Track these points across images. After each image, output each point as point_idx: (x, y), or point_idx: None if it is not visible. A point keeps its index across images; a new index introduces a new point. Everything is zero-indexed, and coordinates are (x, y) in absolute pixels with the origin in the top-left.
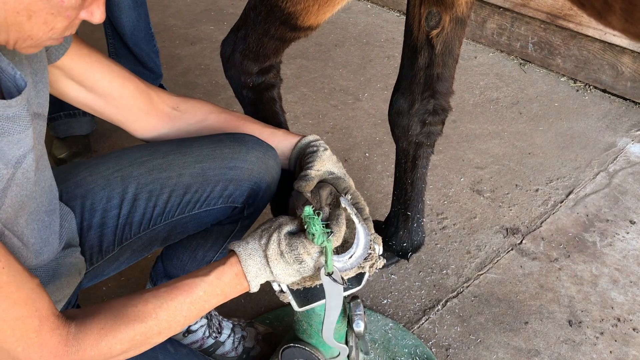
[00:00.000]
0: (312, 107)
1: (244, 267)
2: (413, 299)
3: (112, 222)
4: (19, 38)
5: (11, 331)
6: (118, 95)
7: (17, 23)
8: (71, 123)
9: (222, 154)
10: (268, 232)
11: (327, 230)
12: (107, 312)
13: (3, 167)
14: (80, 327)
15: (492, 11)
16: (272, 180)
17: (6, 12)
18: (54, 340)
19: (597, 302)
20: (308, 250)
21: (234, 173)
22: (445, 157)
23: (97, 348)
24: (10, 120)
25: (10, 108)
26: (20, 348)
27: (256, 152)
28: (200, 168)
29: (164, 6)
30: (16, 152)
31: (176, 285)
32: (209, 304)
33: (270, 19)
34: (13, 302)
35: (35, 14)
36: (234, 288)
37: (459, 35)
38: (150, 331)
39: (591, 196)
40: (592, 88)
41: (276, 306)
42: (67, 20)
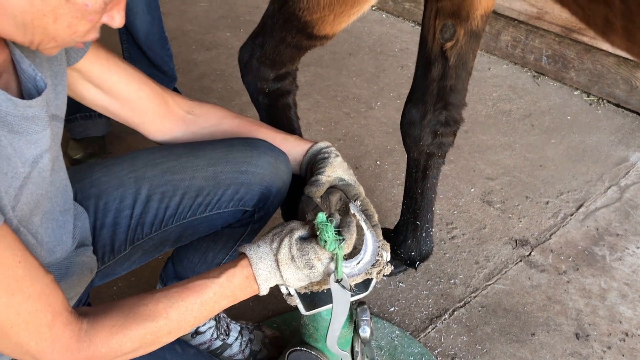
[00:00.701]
0: (324, 115)
1: (255, 270)
2: (420, 307)
3: (124, 222)
4: (43, 40)
5: (25, 325)
6: (134, 98)
7: (42, 25)
8: (87, 125)
9: (234, 158)
10: (279, 236)
11: (339, 237)
12: (118, 310)
13: (20, 165)
14: (92, 324)
15: (506, 23)
16: (282, 185)
17: (33, 15)
18: (67, 335)
19: (605, 316)
20: (319, 256)
21: (245, 177)
22: (456, 167)
23: (108, 345)
24: (30, 120)
25: (30, 108)
26: (33, 342)
27: (268, 157)
28: (212, 171)
29: (181, 12)
30: (33, 152)
31: (187, 286)
32: (219, 305)
33: (287, 27)
34: (27, 296)
35: (61, 17)
36: (244, 290)
37: (473, 48)
38: (161, 330)
39: (602, 210)
40: (606, 102)
41: (284, 310)
42: (90, 23)
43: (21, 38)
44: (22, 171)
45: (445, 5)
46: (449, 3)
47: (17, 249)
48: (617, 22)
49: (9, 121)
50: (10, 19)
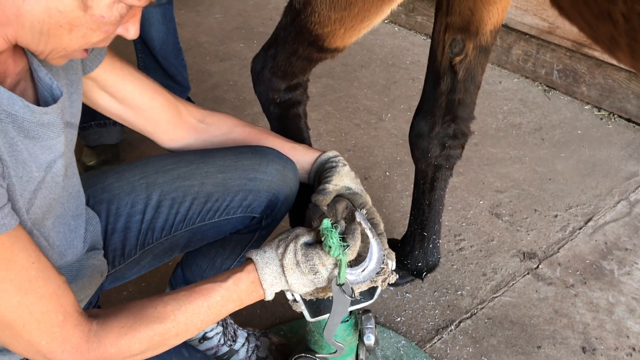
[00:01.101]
0: (335, 125)
1: (260, 275)
2: (427, 318)
3: (135, 227)
4: (55, 49)
5: (37, 324)
6: (148, 107)
7: (58, 35)
8: (101, 132)
9: (243, 165)
10: (285, 242)
11: (343, 243)
12: (127, 312)
13: (35, 170)
14: (101, 325)
15: (518, 37)
16: (290, 192)
17: (50, 25)
18: (77, 335)
19: (613, 330)
20: (323, 262)
21: (253, 184)
22: (465, 179)
23: (116, 346)
24: (45, 126)
25: (46, 115)
26: (44, 341)
27: (276, 164)
28: (221, 178)
29: (196, 23)
30: (48, 157)
31: (195, 290)
32: (225, 309)
33: (298, 39)
34: (40, 296)
35: (76, 28)
36: (249, 295)
37: (482, 62)
38: (168, 332)
39: (611, 224)
40: (617, 117)
41: (291, 318)
42: (104, 34)
43: (34, 47)
44: (36, 175)
45: (454, 20)
46: (459, 18)
47: (31, 250)
48: (622, 40)
49: (25, 127)
50: (28, 29)
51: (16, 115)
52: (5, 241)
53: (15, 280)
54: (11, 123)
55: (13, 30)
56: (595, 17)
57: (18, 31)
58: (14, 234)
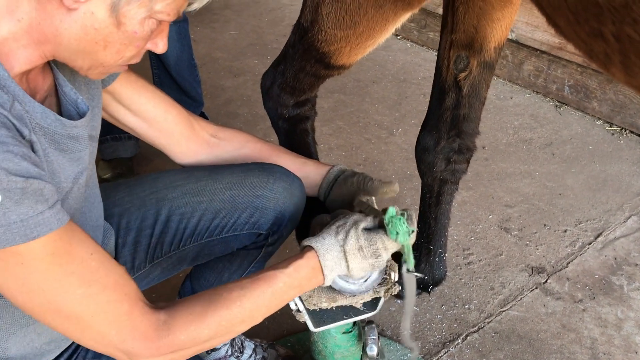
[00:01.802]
0: (346, 140)
1: (322, 261)
2: (434, 331)
3: (145, 241)
4: (92, 65)
5: (104, 314)
6: (161, 120)
7: (93, 52)
8: (117, 146)
9: (250, 183)
10: (344, 228)
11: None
12: (194, 302)
13: (63, 181)
14: (169, 314)
15: (529, 53)
16: (296, 209)
17: (86, 42)
18: (145, 324)
19: (621, 345)
20: (386, 246)
21: (260, 201)
22: (475, 194)
23: (186, 332)
24: (74, 139)
25: (76, 129)
26: (114, 331)
27: (283, 182)
28: (229, 195)
29: (211, 39)
30: (75, 169)
31: (258, 277)
32: (287, 295)
33: (306, 56)
34: (104, 287)
35: (111, 44)
36: (309, 281)
37: (486, 78)
38: (235, 318)
39: (621, 239)
40: (628, 132)
41: (298, 330)
42: (137, 49)
43: (73, 63)
44: (64, 186)
45: (459, 37)
46: (463, 35)
47: (88, 242)
48: (615, 57)
49: (56, 139)
50: (65, 46)
51: (48, 128)
52: (62, 235)
53: (77, 272)
54: (44, 135)
55: (51, 47)
56: (589, 35)
57: (56, 48)
58: (69, 228)
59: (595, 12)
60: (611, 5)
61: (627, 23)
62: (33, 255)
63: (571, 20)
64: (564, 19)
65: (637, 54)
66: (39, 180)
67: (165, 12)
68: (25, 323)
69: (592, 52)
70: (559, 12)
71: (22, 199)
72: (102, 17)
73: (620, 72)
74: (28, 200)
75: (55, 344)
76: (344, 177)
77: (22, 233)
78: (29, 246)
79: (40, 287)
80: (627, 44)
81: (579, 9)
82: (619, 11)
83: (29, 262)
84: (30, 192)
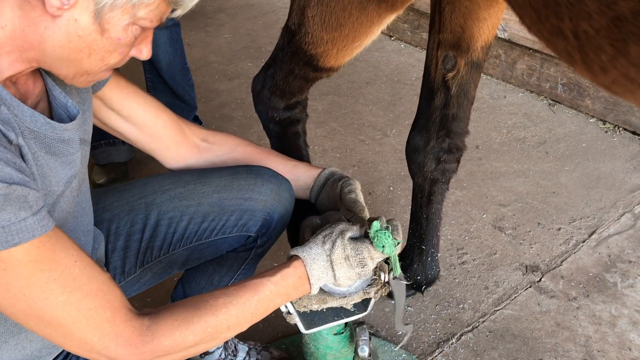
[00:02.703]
0: (340, 142)
1: (309, 270)
2: (428, 331)
3: (134, 246)
4: (77, 73)
5: (86, 321)
6: (152, 125)
7: (78, 60)
8: (110, 151)
9: (238, 185)
10: (331, 237)
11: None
12: (180, 307)
13: (55, 185)
14: (154, 320)
15: (522, 52)
16: (285, 211)
17: (70, 50)
18: (128, 330)
19: (615, 342)
20: (372, 255)
21: (248, 204)
22: (469, 193)
23: (171, 338)
24: (65, 142)
25: (67, 132)
26: (96, 338)
27: (271, 184)
28: (217, 198)
29: (205, 43)
30: (68, 173)
31: (245, 285)
32: (273, 304)
33: (294, 59)
34: (85, 294)
35: (95, 52)
36: (296, 290)
37: (475, 78)
38: (221, 325)
39: (614, 237)
40: (622, 130)
41: (292, 332)
42: (121, 56)
43: (58, 71)
44: (55, 190)
45: (446, 37)
46: (450, 35)
47: (72, 249)
48: (576, 55)
49: (47, 143)
50: (49, 54)
51: (38, 132)
52: (46, 242)
53: (60, 279)
54: (34, 139)
55: (35, 54)
56: (551, 33)
57: (40, 56)
58: (53, 235)
59: (554, 8)
60: (567, 1)
61: (582, 18)
62: (15, 261)
63: (534, 19)
64: (529, 17)
65: (594, 50)
66: (23, 187)
67: (149, 18)
68: (17, 331)
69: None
70: (525, 10)
71: (4, 205)
72: (85, 24)
73: (583, 70)
74: (10, 207)
75: (47, 350)
76: (333, 180)
77: (4, 239)
78: (10, 252)
79: (22, 293)
80: (584, 40)
81: (539, 5)
82: (574, 6)
83: (11, 268)
84: (14, 198)
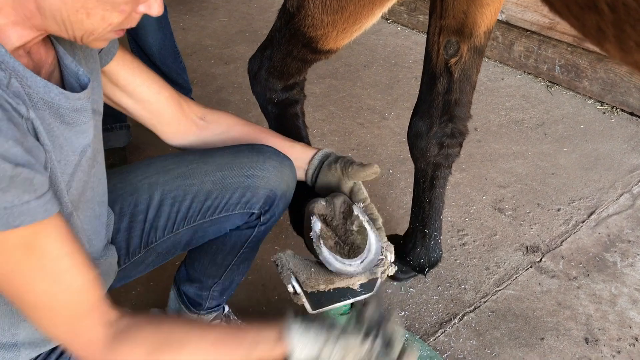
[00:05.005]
0: (339, 125)
1: None
2: (430, 312)
3: (139, 226)
4: (84, 34)
5: (58, 313)
6: (154, 101)
7: (78, 21)
8: (109, 137)
9: (240, 163)
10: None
11: None
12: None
13: (71, 154)
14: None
15: (519, 34)
16: (287, 188)
17: (67, 11)
18: (94, 334)
19: (615, 321)
20: None
21: (251, 181)
22: (468, 175)
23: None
24: (78, 111)
25: (79, 101)
26: (63, 329)
27: (273, 161)
28: (220, 176)
29: (200, 27)
30: (82, 142)
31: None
32: None
33: (293, 41)
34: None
35: (92, 11)
36: None
37: (477, 63)
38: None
39: (613, 217)
40: (619, 111)
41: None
42: (123, 14)
43: (64, 34)
44: (72, 159)
45: (448, 23)
46: (452, 21)
47: (66, 240)
48: (609, 31)
49: (61, 113)
50: (50, 18)
51: (52, 102)
52: (43, 228)
53: (45, 269)
54: (48, 110)
55: (39, 21)
56: (581, 8)
57: (43, 21)
58: (52, 222)
59: None
60: None
61: None
62: (9, 244)
63: None
64: None
65: (633, 25)
66: (29, 170)
67: None
68: None
69: (584, 27)
70: None
71: (9, 187)
72: None
73: (614, 48)
74: (15, 189)
75: None
76: (328, 163)
77: (4, 221)
78: (7, 234)
79: (6, 275)
80: (623, 14)
81: None
82: None
83: (3, 250)
84: (19, 180)
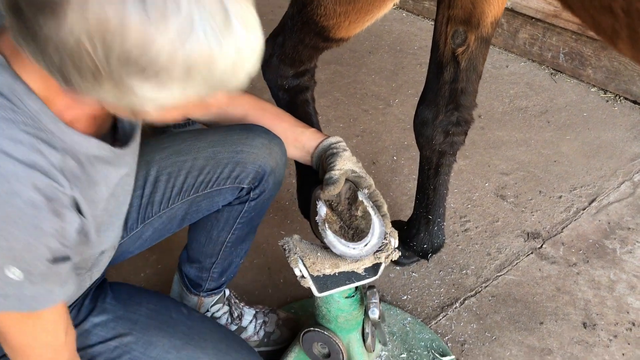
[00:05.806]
0: (344, 112)
1: None
2: (432, 296)
3: (136, 202)
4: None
5: None
6: None
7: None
8: None
9: (231, 140)
10: None
11: None
12: None
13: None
14: None
15: (524, 21)
16: (276, 165)
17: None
18: None
19: (613, 306)
20: None
21: (240, 156)
22: (471, 162)
23: None
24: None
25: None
26: None
27: (261, 139)
28: (212, 152)
29: None
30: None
31: None
32: None
33: (305, 29)
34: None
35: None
36: None
37: (483, 53)
38: None
39: (614, 204)
40: (623, 99)
41: (302, 297)
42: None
43: None
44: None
45: (456, 13)
46: (460, 11)
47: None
48: (623, 32)
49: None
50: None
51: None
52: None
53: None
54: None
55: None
56: (597, 10)
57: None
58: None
59: None
60: None
61: None
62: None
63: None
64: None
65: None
66: (62, 263)
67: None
68: None
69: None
70: None
71: (42, 281)
72: None
73: (627, 47)
74: (46, 283)
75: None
76: (329, 154)
77: (29, 305)
78: None
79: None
80: (636, 18)
81: None
82: None
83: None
84: (52, 275)
